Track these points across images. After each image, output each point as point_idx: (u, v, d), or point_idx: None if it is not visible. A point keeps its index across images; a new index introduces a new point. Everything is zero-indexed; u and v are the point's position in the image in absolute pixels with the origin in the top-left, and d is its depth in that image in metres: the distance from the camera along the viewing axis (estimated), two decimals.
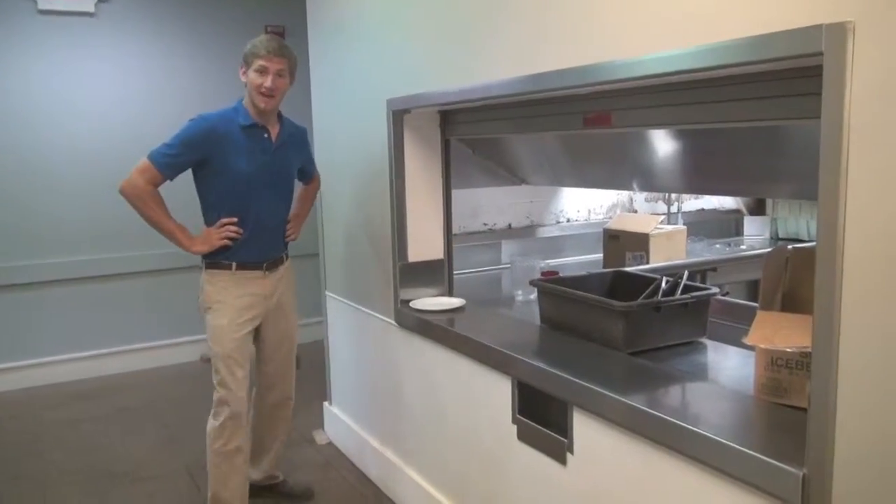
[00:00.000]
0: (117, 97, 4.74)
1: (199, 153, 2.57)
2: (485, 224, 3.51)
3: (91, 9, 4.59)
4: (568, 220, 3.75)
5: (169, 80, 4.88)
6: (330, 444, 3.60)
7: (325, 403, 3.68)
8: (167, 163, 2.56)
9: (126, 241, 4.81)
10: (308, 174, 2.99)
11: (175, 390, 4.52)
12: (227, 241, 2.62)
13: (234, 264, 2.65)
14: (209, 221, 2.68)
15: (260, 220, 2.67)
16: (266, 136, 2.66)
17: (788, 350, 1.58)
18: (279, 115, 2.73)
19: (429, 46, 2.52)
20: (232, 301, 2.65)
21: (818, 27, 1.21)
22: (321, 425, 3.73)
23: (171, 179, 2.61)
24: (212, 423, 2.69)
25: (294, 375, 2.97)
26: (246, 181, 2.61)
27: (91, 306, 4.81)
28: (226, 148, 2.57)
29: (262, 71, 2.53)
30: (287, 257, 2.85)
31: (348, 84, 3.11)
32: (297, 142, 2.82)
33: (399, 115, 2.70)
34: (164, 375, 4.82)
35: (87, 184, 4.66)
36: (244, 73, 2.59)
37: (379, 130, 2.80)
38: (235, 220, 2.62)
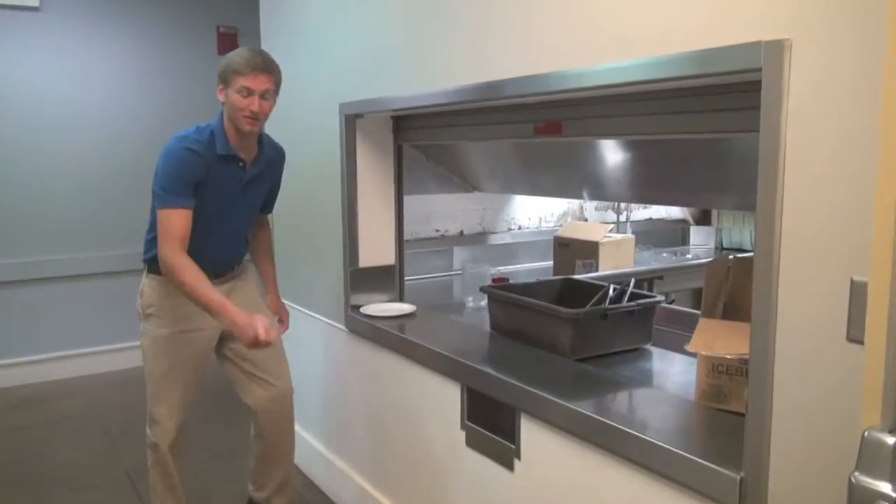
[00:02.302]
0: (64, 92, 4.62)
1: (196, 181, 2.28)
2: (437, 230, 3.51)
3: (36, 3, 4.47)
4: (519, 228, 3.78)
5: (115, 77, 4.78)
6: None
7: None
8: (184, 201, 2.24)
9: (68, 242, 4.69)
10: (263, 207, 2.59)
11: (117, 396, 4.41)
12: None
13: None
14: (154, 232, 2.33)
15: (214, 248, 2.39)
16: (241, 165, 2.36)
17: (728, 357, 1.62)
18: (259, 135, 2.43)
19: (381, 51, 2.52)
20: (175, 308, 2.37)
21: (757, 44, 1.25)
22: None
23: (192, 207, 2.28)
24: (147, 436, 2.47)
25: (287, 364, 2.63)
26: (209, 215, 2.32)
27: (32, 310, 4.66)
28: (205, 181, 2.29)
29: (246, 92, 2.21)
30: (240, 262, 2.59)
31: (301, 87, 3.09)
32: (273, 170, 2.54)
33: (351, 120, 2.69)
34: (106, 381, 4.70)
35: (26, 181, 4.53)
36: (222, 91, 2.27)
37: (331, 135, 2.78)
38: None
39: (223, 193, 2.34)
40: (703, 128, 1.62)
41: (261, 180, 2.47)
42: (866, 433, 0.95)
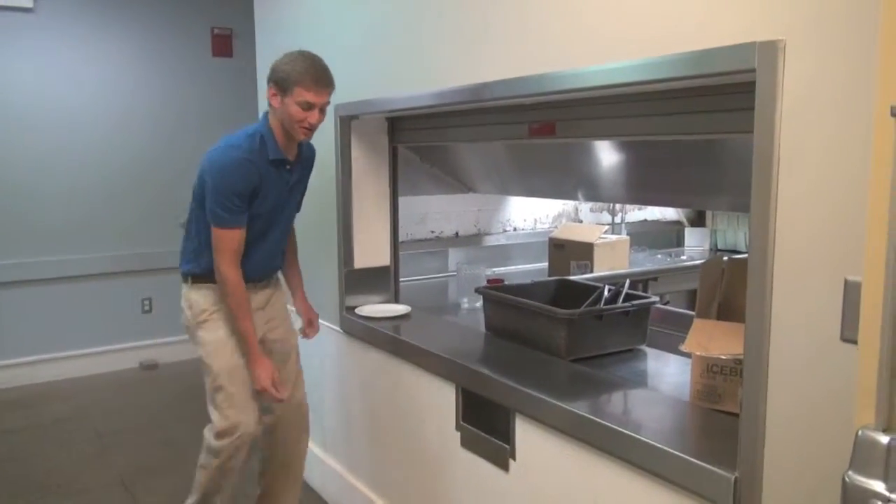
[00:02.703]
0: (57, 93, 4.60)
1: (250, 191, 2.24)
2: (432, 231, 3.51)
3: (29, 4, 4.46)
4: (514, 229, 3.78)
5: (109, 78, 4.77)
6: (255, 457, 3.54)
7: None
8: (242, 218, 2.23)
9: (61, 242, 4.67)
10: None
11: (112, 398, 4.40)
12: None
13: None
14: (201, 240, 2.32)
15: (264, 251, 2.38)
16: (288, 168, 2.34)
17: (723, 357, 1.63)
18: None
19: (377, 53, 2.52)
20: (227, 311, 2.33)
21: (751, 44, 1.26)
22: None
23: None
24: (212, 446, 2.34)
25: (303, 378, 2.64)
26: (261, 220, 2.31)
27: (26, 311, 4.63)
28: (259, 187, 2.26)
29: (307, 106, 2.18)
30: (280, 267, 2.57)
31: None
32: (308, 168, 2.50)
33: (346, 122, 2.69)
34: (101, 383, 4.68)
35: (15, 182, 4.51)
36: (276, 96, 2.21)
37: (326, 136, 2.78)
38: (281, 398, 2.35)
39: (274, 198, 2.32)
40: (698, 129, 1.63)
41: (302, 180, 2.47)
42: (860, 432, 0.96)
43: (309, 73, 2.17)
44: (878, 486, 0.92)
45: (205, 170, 2.27)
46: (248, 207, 2.25)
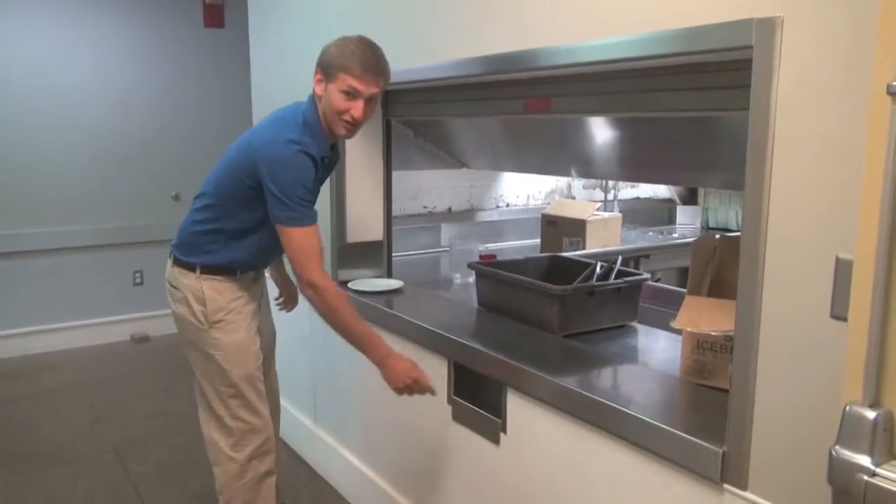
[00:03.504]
0: (50, 68, 4.53)
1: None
2: (425, 207, 3.51)
3: None
4: (507, 205, 3.79)
5: (101, 52, 4.69)
6: None
7: None
8: (314, 214, 2.01)
9: (54, 214, 4.64)
10: None
11: (104, 370, 4.40)
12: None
13: (238, 270, 2.16)
14: (224, 229, 2.11)
15: (265, 242, 2.15)
16: (326, 163, 2.11)
17: (713, 333, 1.64)
18: None
19: (370, 26, 2.49)
20: (243, 308, 2.16)
21: (749, 21, 1.25)
22: None
23: None
24: (234, 458, 2.17)
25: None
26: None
27: (18, 282, 4.61)
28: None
29: (352, 94, 1.93)
30: None
31: (289, 60, 3.05)
32: (329, 171, 2.24)
33: None
34: (93, 355, 4.68)
35: (7, 155, 4.47)
36: (320, 83, 1.99)
37: None
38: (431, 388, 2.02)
39: (316, 192, 2.10)
40: (693, 106, 1.62)
41: (323, 181, 2.21)
42: (848, 408, 0.97)
43: (356, 57, 1.91)
44: (865, 460, 0.94)
45: (257, 162, 1.97)
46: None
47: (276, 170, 1.94)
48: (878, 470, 0.93)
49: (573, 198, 3.97)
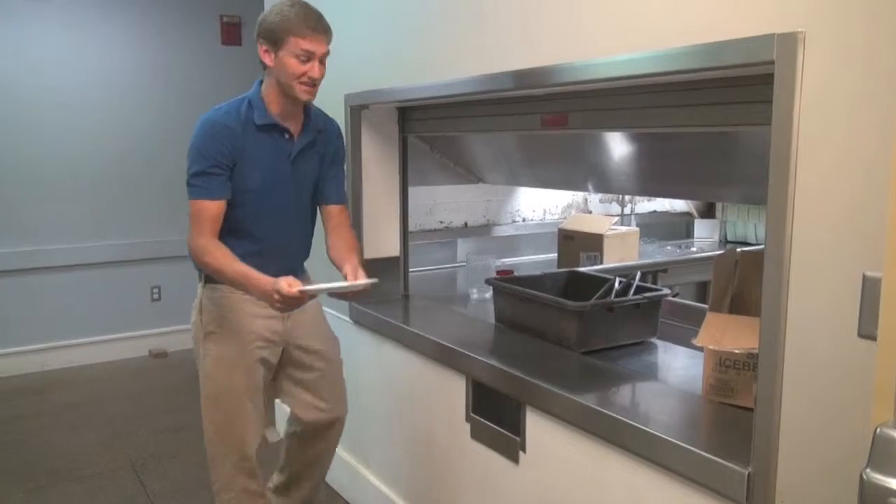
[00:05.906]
0: (65, 83, 4.59)
1: (229, 158, 1.99)
2: (441, 222, 3.51)
3: None
4: (524, 220, 3.77)
5: (117, 68, 4.76)
6: (281, 441, 3.55)
7: (277, 401, 3.63)
8: (218, 189, 1.97)
9: (72, 230, 4.69)
10: (327, 197, 2.21)
11: (122, 386, 4.42)
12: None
13: None
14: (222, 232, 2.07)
15: (273, 244, 2.10)
16: (287, 136, 2.07)
17: (736, 351, 1.62)
18: (304, 104, 2.09)
19: (388, 42, 2.50)
20: (242, 321, 2.08)
21: (770, 36, 1.24)
22: (273, 423, 3.67)
23: (230, 197, 2.01)
24: (213, 473, 2.19)
25: (345, 389, 2.35)
26: (257, 200, 2.05)
27: (36, 298, 4.66)
28: (241, 156, 2.00)
29: (305, 57, 1.94)
30: (303, 264, 2.31)
31: None
32: (326, 141, 2.19)
33: (357, 111, 2.68)
34: (110, 370, 4.70)
35: (25, 170, 4.52)
36: (268, 53, 1.98)
37: None
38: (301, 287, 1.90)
39: (266, 170, 2.04)
40: (714, 121, 1.61)
41: (311, 152, 2.14)
42: (878, 430, 0.95)
43: (301, 18, 1.93)
44: None
45: None
46: (229, 179, 1.99)
47: (192, 138, 2.01)
48: None
49: (590, 212, 3.95)
